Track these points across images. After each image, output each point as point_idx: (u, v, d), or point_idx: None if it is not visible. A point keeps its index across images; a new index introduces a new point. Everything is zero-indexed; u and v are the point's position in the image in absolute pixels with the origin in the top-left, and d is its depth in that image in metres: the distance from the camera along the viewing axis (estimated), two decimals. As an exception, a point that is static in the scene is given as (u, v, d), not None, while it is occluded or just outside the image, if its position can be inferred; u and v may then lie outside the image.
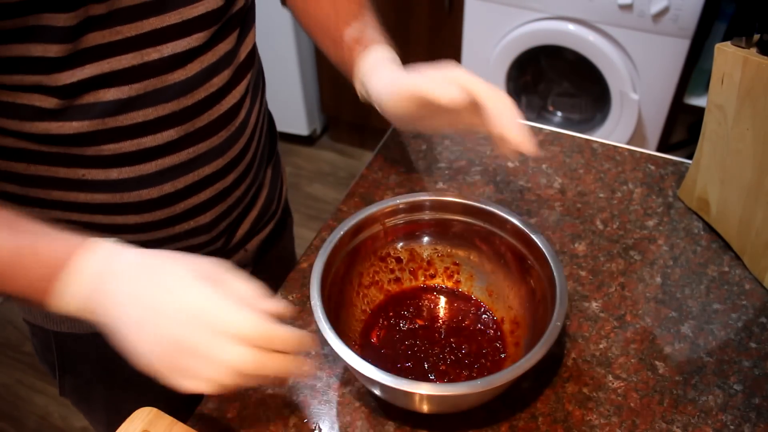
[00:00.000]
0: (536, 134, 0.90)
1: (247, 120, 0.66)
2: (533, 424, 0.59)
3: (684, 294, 0.70)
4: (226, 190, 0.66)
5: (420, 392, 0.51)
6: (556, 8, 1.65)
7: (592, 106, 1.92)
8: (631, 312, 0.68)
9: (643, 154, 0.87)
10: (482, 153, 0.87)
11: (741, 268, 0.72)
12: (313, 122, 2.36)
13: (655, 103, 1.69)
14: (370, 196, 0.82)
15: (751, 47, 0.65)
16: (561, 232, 0.77)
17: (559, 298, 0.56)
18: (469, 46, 1.86)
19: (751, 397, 0.60)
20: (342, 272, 0.63)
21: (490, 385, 0.51)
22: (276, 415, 0.60)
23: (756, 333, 0.66)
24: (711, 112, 0.72)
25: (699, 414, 0.59)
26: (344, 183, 2.27)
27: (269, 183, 0.78)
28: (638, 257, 0.74)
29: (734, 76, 0.67)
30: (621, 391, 0.61)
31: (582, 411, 0.59)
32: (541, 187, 0.82)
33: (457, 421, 0.59)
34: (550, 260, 0.59)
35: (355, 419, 0.60)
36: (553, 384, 0.62)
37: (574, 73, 1.91)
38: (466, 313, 0.67)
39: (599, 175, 0.84)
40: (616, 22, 1.60)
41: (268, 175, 0.78)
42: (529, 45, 1.75)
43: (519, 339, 0.63)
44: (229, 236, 0.71)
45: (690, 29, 1.52)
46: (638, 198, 0.81)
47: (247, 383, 0.45)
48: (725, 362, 0.63)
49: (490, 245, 0.66)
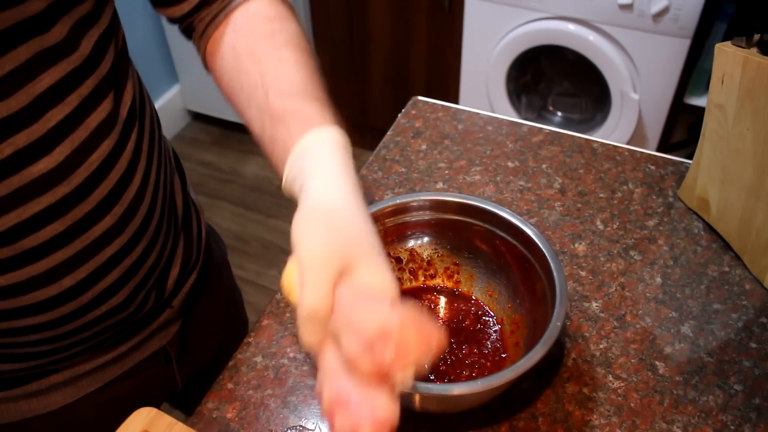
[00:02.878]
0: (536, 134, 0.90)
1: (146, 182, 0.57)
2: (533, 424, 0.59)
3: (684, 294, 0.70)
4: (135, 264, 0.57)
5: (420, 392, 0.51)
6: (556, 8, 1.65)
7: (592, 106, 1.92)
8: (631, 312, 0.68)
9: (643, 154, 0.87)
10: (482, 153, 0.87)
11: (741, 268, 0.72)
12: (313, 122, 2.36)
13: (655, 102, 1.69)
14: (370, 196, 0.82)
15: (751, 47, 0.65)
16: (561, 232, 0.77)
17: (559, 298, 0.56)
18: (469, 46, 1.86)
19: (752, 398, 0.60)
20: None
21: (490, 385, 0.51)
22: (276, 415, 0.60)
23: (756, 333, 0.66)
24: (711, 112, 0.72)
25: (699, 414, 0.59)
26: (344, 183, 2.27)
27: (184, 233, 0.68)
28: (638, 257, 0.73)
29: (734, 76, 0.66)
30: (621, 391, 0.61)
31: (582, 411, 0.59)
32: (541, 187, 0.82)
33: (457, 421, 0.59)
34: (550, 260, 0.59)
35: (355, 419, 0.60)
36: (553, 384, 0.62)
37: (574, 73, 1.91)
38: (466, 313, 0.67)
39: (599, 175, 0.84)
40: (617, 22, 1.60)
41: (178, 215, 0.68)
42: (529, 45, 1.75)
43: (519, 339, 0.62)
44: (153, 302, 0.64)
45: (690, 29, 1.52)
46: (638, 198, 0.81)
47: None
48: (725, 362, 0.63)
49: (490, 245, 0.66)
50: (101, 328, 0.59)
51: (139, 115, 0.58)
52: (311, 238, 0.43)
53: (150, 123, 0.60)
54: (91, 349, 0.61)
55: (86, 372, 0.63)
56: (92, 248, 0.53)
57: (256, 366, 0.65)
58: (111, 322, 0.59)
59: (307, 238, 0.43)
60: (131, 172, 0.55)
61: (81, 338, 0.58)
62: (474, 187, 0.82)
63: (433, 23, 1.91)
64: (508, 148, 0.88)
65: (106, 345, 0.63)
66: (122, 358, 0.65)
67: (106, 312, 0.57)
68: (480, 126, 0.91)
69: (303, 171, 0.48)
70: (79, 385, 0.63)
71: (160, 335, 0.68)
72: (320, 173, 0.47)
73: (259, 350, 0.66)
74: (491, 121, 0.92)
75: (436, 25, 1.91)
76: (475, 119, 0.93)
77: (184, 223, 0.69)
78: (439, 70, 2.01)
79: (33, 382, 0.60)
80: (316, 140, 0.49)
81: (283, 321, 0.69)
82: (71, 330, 0.56)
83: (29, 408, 0.62)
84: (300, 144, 0.49)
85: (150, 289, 0.62)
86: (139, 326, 0.65)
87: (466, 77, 1.94)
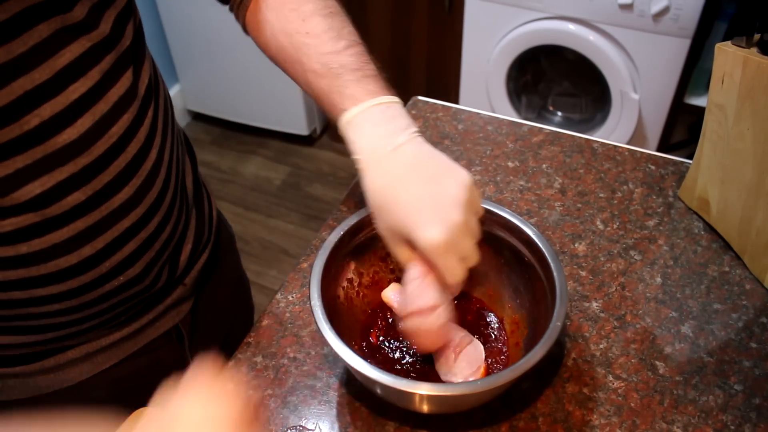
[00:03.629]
0: (536, 134, 0.90)
1: (161, 158, 0.60)
2: (533, 424, 0.59)
3: (684, 294, 0.70)
4: (151, 237, 0.60)
5: (420, 392, 0.51)
6: (556, 8, 1.65)
7: (592, 106, 1.92)
8: (631, 312, 0.68)
9: (643, 153, 0.87)
10: (482, 153, 0.87)
11: (741, 268, 0.72)
12: (312, 122, 2.36)
13: (655, 102, 1.69)
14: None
15: (751, 47, 0.65)
16: (561, 232, 0.77)
17: (559, 298, 0.56)
18: (469, 46, 1.86)
19: (752, 397, 0.60)
20: (342, 272, 0.63)
21: (490, 385, 0.51)
22: (276, 415, 0.60)
23: (756, 333, 0.66)
24: (711, 112, 0.72)
25: (699, 414, 0.59)
26: (344, 183, 2.27)
27: (196, 211, 0.72)
28: (638, 257, 0.73)
29: (735, 75, 0.66)
30: (621, 391, 0.61)
31: (582, 411, 0.59)
32: (541, 187, 0.82)
33: (457, 421, 0.59)
34: (550, 260, 0.59)
35: (355, 419, 0.60)
36: (553, 384, 0.62)
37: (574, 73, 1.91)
38: (466, 313, 0.66)
39: (599, 175, 0.84)
40: (617, 22, 1.60)
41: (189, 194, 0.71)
42: (529, 45, 1.75)
43: (519, 339, 0.62)
44: (166, 277, 0.66)
45: (690, 29, 1.52)
46: (638, 198, 0.81)
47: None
48: (726, 362, 0.63)
49: (490, 245, 0.66)
50: (117, 301, 0.61)
51: (155, 94, 0.61)
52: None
53: (164, 103, 0.63)
54: (107, 324, 0.63)
55: (102, 348, 0.64)
56: (111, 218, 0.56)
57: (256, 366, 0.65)
58: (127, 294, 0.61)
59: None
60: (148, 147, 0.58)
61: (98, 310, 0.60)
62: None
63: (433, 23, 1.91)
64: (508, 148, 0.88)
65: (122, 320, 0.64)
66: (136, 335, 0.67)
67: (123, 284, 0.60)
68: (480, 126, 0.91)
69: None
70: (95, 361, 0.65)
71: (173, 313, 0.70)
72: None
73: (259, 350, 0.66)
74: (491, 121, 0.92)
75: (436, 25, 1.91)
76: (475, 119, 0.93)
77: (196, 202, 0.72)
78: (439, 70, 2.01)
79: (51, 357, 0.62)
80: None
81: (283, 321, 0.69)
82: (89, 301, 0.58)
83: (46, 383, 0.64)
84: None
85: (164, 263, 0.64)
86: (153, 302, 0.67)
87: (466, 77, 1.94)
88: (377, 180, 0.55)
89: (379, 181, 0.55)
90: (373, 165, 0.56)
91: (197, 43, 2.25)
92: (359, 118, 0.57)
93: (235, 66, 2.23)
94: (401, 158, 0.55)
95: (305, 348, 0.66)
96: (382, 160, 0.55)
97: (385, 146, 0.56)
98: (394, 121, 0.57)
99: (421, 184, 0.54)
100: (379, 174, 0.55)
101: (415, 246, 0.54)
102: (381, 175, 0.55)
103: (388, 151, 0.55)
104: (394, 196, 0.54)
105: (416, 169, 0.55)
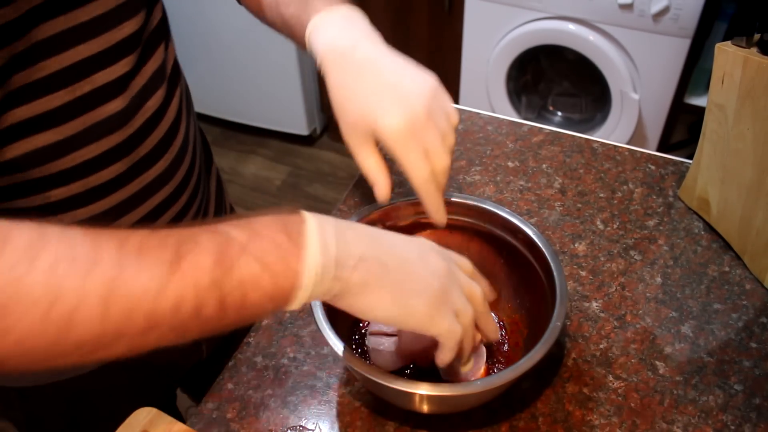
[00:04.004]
0: (536, 134, 0.90)
1: (187, 136, 0.63)
2: (533, 424, 0.59)
3: (684, 294, 0.70)
4: (180, 213, 0.64)
5: (420, 392, 0.51)
6: (556, 8, 1.65)
7: (592, 106, 1.92)
8: (631, 312, 0.68)
9: (643, 153, 0.87)
10: (482, 153, 0.87)
11: (741, 268, 0.72)
12: (313, 122, 2.36)
13: (655, 102, 1.69)
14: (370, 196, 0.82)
15: (751, 47, 0.65)
16: (561, 232, 0.77)
17: (559, 298, 0.56)
18: (469, 46, 1.86)
19: (752, 397, 0.60)
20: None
21: (490, 385, 0.51)
22: (276, 416, 0.60)
23: (756, 333, 0.66)
24: (711, 112, 0.72)
25: (699, 414, 0.59)
26: (344, 183, 2.27)
27: (215, 192, 0.75)
28: (638, 257, 0.73)
29: (735, 75, 0.66)
30: (621, 391, 0.61)
31: (582, 411, 0.59)
32: (541, 187, 0.82)
33: (457, 421, 0.59)
34: (550, 260, 0.59)
35: (355, 419, 0.60)
36: (553, 384, 0.62)
37: (574, 73, 1.91)
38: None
39: (599, 175, 0.84)
40: (617, 22, 1.60)
41: (212, 185, 0.75)
42: (529, 45, 1.75)
43: (519, 339, 0.62)
44: None
45: (690, 29, 1.52)
46: (638, 198, 0.81)
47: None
48: (726, 362, 0.63)
49: (490, 245, 0.66)
50: None
51: (180, 75, 0.64)
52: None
53: (186, 88, 0.66)
54: None
55: None
56: (146, 191, 0.58)
57: (256, 366, 0.65)
58: None
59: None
60: (177, 125, 0.61)
61: None
62: (474, 187, 0.82)
63: (433, 23, 1.91)
64: (508, 148, 0.88)
65: None
66: None
67: None
68: (480, 126, 0.91)
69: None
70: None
71: None
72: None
73: (259, 350, 0.66)
74: (491, 120, 0.92)
75: (436, 25, 1.91)
76: (475, 119, 0.93)
77: (215, 183, 0.76)
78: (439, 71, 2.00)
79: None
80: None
81: (283, 321, 0.69)
82: None
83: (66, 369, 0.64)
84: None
85: None
86: None
87: (466, 77, 1.94)
88: (338, 77, 0.54)
89: (340, 77, 0.54)
90: (334, 63, 0.55)
91: (197, 44, 2.25)
92: (321, 24, 0.57)
93: (235, 66, 2.23)
94: (361, 54, 0.54)
95: (305, 348, 0.66)
96: (343, 57, 0.54)
97: (345, 45, 0.55)
98: (356, 24, 0.56)
99: (382, 76, 0.53)
100: (339, 70, 0.54)
101: (378, 141, 0.53)
102: (341, 72, 0.54)
103: (348, 47, 0.54)
104: (354, 89, 0.53)
105: (377, 63, 0.54)
